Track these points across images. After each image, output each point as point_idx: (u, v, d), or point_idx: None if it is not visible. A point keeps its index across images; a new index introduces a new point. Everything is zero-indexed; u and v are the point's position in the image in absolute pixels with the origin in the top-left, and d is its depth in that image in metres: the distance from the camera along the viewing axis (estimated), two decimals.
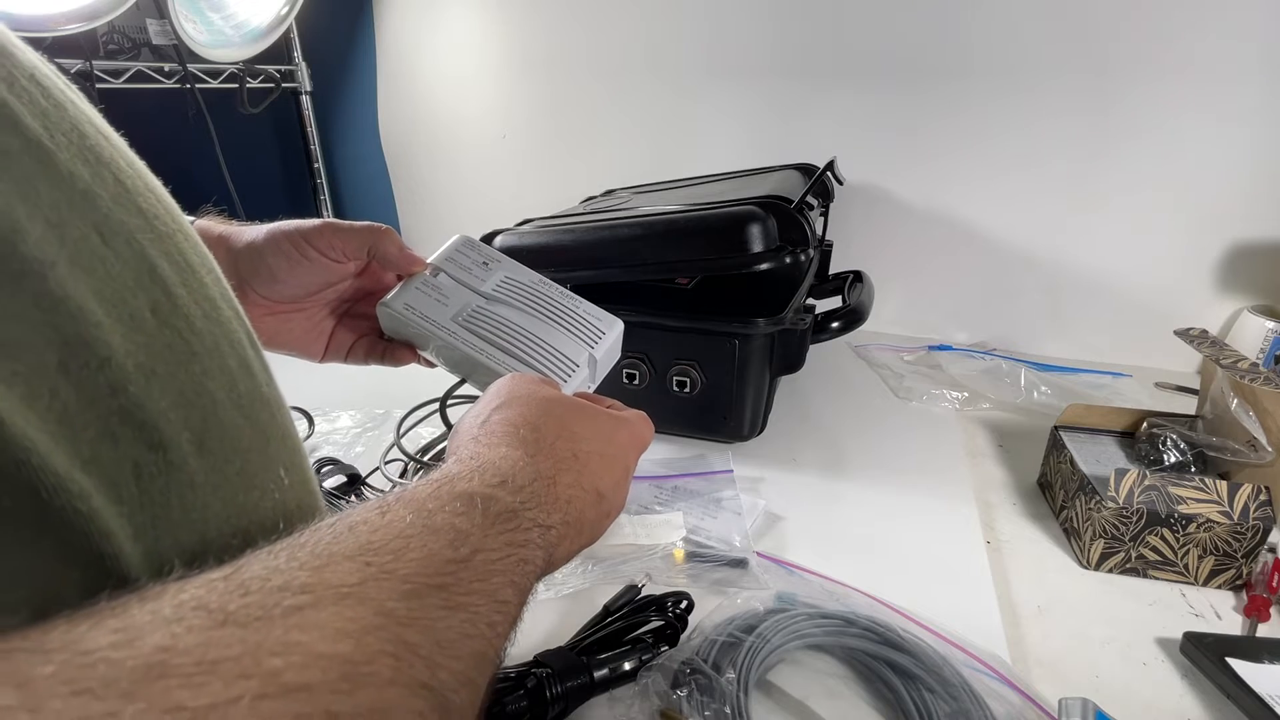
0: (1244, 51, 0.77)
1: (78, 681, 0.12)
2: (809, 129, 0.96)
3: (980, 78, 0.87)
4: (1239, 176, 0.81)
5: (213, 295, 0.22)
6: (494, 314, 0.43)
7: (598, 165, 1.09)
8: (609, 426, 0.34)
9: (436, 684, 0.17)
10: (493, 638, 0.21)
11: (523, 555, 0.24)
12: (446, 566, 0.20)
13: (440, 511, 0.22)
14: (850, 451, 0.67)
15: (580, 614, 0.42)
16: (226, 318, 0.23)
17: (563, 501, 0.28)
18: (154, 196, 0.22)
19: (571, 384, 0.42)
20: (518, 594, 0.23)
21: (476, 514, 0.23)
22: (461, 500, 0.23)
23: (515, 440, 0.29)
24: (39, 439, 0.15)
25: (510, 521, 0.24)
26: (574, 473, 0.29)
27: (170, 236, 0.21)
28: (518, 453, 0.28)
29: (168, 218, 0.22)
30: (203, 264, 0.23)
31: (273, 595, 0.16)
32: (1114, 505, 0.49)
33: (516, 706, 0.35)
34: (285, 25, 1.05)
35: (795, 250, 0.58)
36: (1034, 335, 0.95)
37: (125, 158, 0.21)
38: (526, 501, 0.26)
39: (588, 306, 0.45)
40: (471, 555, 0.21)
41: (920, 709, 0.36)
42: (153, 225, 0.21)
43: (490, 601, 0.21)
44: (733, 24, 0.95)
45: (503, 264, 0.46)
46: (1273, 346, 0.81)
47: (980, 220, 0.93)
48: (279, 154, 1.28)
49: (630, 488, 0.34)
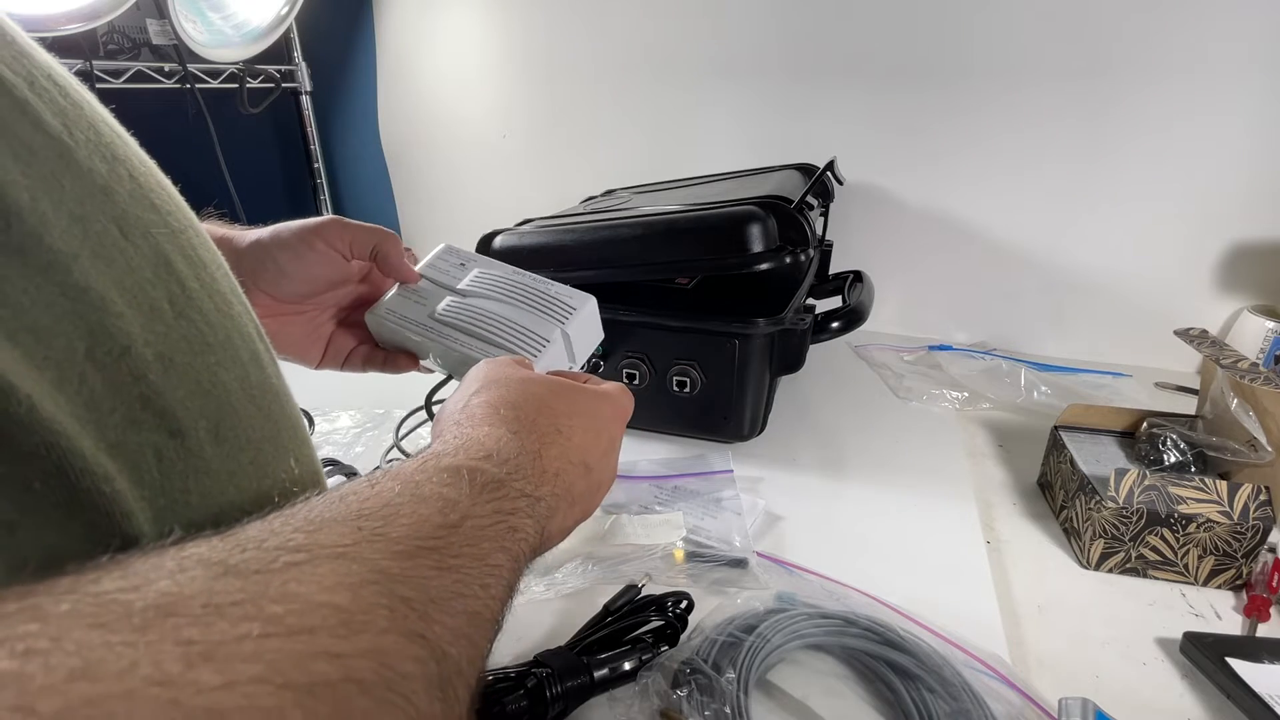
0: (1244, 52, 0.77)
1: (93, 617, 0.13)
2: (809, 129, 0.96)
3: (981, 78, 0.87)
4: (1239, 176, 0.81)
5: (223, 289, 0.23)
6: (468, 306, 0.44)
7: (598, 165, 1.09)
8: (589, 400, 0.34)
9: (432, 636, 0.18)
10: (487, 599, 0.21)
11: (512, 523, 0.24)
12: (437, 531, 0.21)
13: (428, 483, 0.23)
14: (850, 451, 0.67)
15: (580, 614, 0.42)
16: (237, 312, 0.23)
17: (550, 475, 0.28)
18: (165, 193, 0.22)
19: (544, 360, 0.42)
20: (510, 560, 0.23)
21: (464, 484, 0.24)
22: (448, 473, 0.24)
23: (497, 419, 0.29)
24: (68, 423, 0.16)
25: (497, 491, 0.25)
26: (559, 446, 0.30)
27: (183, 232, 0.22)
28: (501, 430, 0.28)
29: (179, 214, 0.22)
30: (213, 260, 0.23)
31: (270, 553, 0.16)
32: (1114, 505, 0.49)
33: (516, 706, 0.35)
34: (285, 25, 1.05)
35: (795, 250, 0.58)
36: (1034, 335, 0.95)
37: (138, 155, 0.22)
38: (513, 473, 0.26)
39: (559, 288, 0.46)
40: (460, 521, 0.22)
41: (920, 709, 0.36)
42: (166, 221, 0.21)
43: (481, 565, 0.21)
44: (733, 24, 0.95)
45: (478, 262, 0.47)
46: (1273, 346, 0.81)
47: (980, 220, 0.93)
48: (279, 154, 1.28)
49: (629, 484, 0.35)
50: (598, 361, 0.64)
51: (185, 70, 0.95)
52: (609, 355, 0.64)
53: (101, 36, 0.87)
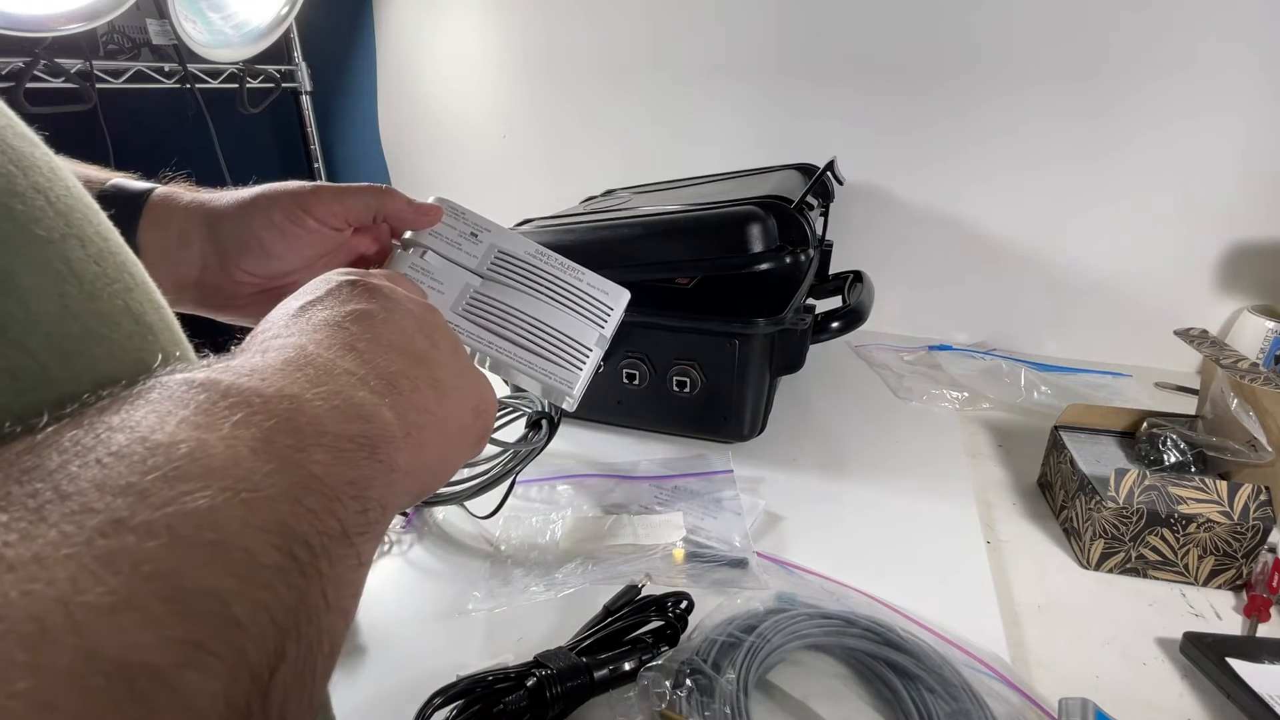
0: (1244, 51, 0.77)
1: None
2: (809, 129, 0.96)
3: (981, 78, 0.87)
4: (1239, 176, 0.81)
5: (107, 310, 0.19)
6: (494, 300, 0.39)
7: (598, 165, 1.09)
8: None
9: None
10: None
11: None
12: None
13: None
14: (850, 451, 0.67)
15: (580, 614, 0.42)
16: (126, 334, 0.19)
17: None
18: (43, 199, 0.19)
19: (584, 375, 0.39)
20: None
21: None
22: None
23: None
24: None
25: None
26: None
27: (54, 243, 0.18)
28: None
29: (57, 222, 0.19)
30: (103, 275, 0.19)
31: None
32: (1114, 505, 0.49)
33: (516, 706, 0.35)
34: (285, 25, 1.05)
35: (795, 250, 0.58)
36: (1034, 335, 0.95)
37: (10, 156, 0.18)
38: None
39: (591, 277, 0.41)
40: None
41: (920, 709, 0.36)
42: (25, 230, 0.18)
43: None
44: (733, 24, 0.95)
45: (491, 232, 0.41)
46: (1273, 346, 0.81)
47: (980, 220, 0.93)
48: (279, 154, 1.28)
49: (629, 484, 0.33)
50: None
51: (185, 70, 0.95)
52: (609, 355, 0.64)
53: (101, 36, 0.87)
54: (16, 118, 0.20)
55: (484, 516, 0.54)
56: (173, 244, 0.37)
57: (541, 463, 0.58)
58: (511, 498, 0.54)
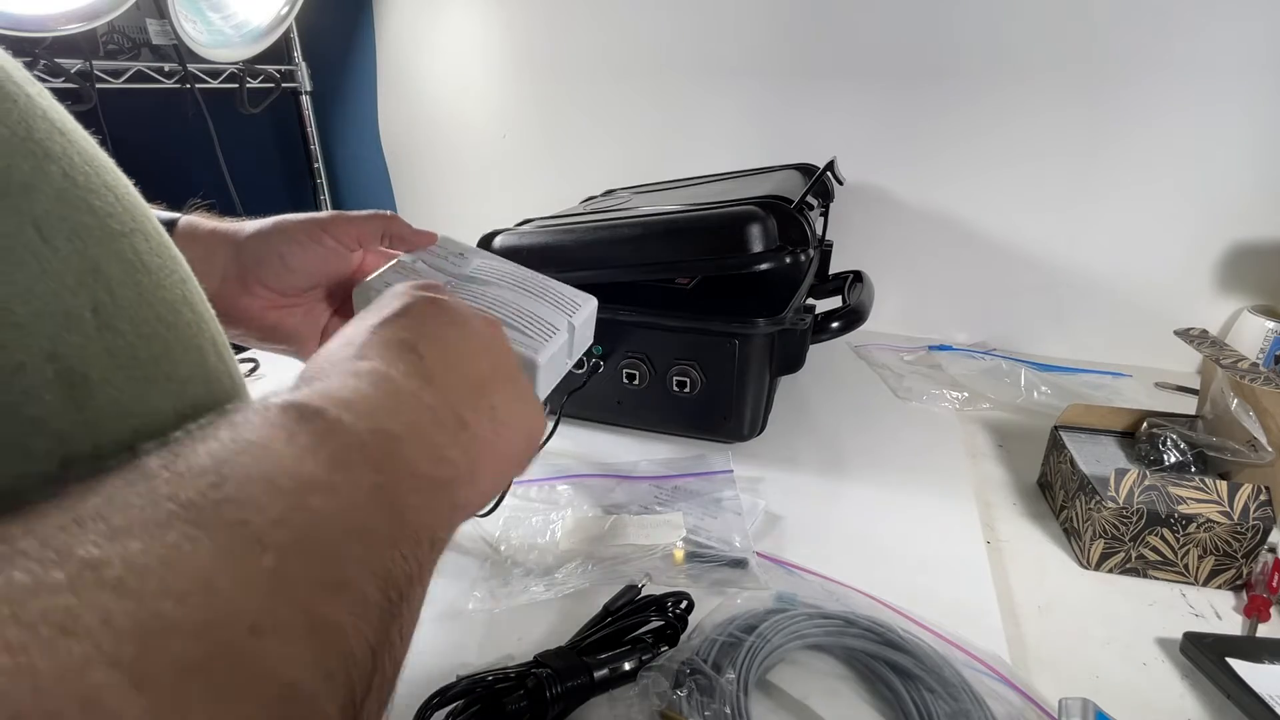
0: (1244, 50, 0.77)
1: None
2: (809, 129, 0.96)
3: (981, 77, 0.87)
4: (1240, 176, 0.81)
5: (172, 298, 0.21)
6: (472, 289, 0.43)
7: (598, 165, 1.09)
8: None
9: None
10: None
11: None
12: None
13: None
14: (850, 451, 0.67)
15: (580, 614, 0.42)
16: (186, 321, 0.21)
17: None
18: (111, 195, 0.21)
19: (549, 349, 0.41)
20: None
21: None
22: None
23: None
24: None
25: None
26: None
27: (125, 236, 0.20)
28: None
29: (124, 217, 0.21)
30: (165, 265, 0.22)
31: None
32: (1114, 505, 0.49)
33: (516, 706, 0.35)
34: (285, 25, 1.05)
35: (795, 250, 0.58)
36: (1034, 335, 0.94)
37: (82, 154, 0.20)
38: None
39: (562, 285, 0.46)
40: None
41: (920, 709, 0.36)
42: (104, 224, 0.20)
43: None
44: (733, 24, 0.95)
45: (478, 254, 0.47)
46: (1273, 346, 0.81)
47: (980, 220, 0.93)
48: (279, 154, 1.28)
49: (629, 484, 0.34)
50: (598, 362, 0.64)
51: (185, 70, 0.95)
52: (609, 355, 0.64)
53: (101, 36, 0.87)
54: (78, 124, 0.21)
55: (482, 515, 0.54)
56: (197, 258, 0.39)
57: (541, 462, 0.58)
58: (511, 497, 0.54)
